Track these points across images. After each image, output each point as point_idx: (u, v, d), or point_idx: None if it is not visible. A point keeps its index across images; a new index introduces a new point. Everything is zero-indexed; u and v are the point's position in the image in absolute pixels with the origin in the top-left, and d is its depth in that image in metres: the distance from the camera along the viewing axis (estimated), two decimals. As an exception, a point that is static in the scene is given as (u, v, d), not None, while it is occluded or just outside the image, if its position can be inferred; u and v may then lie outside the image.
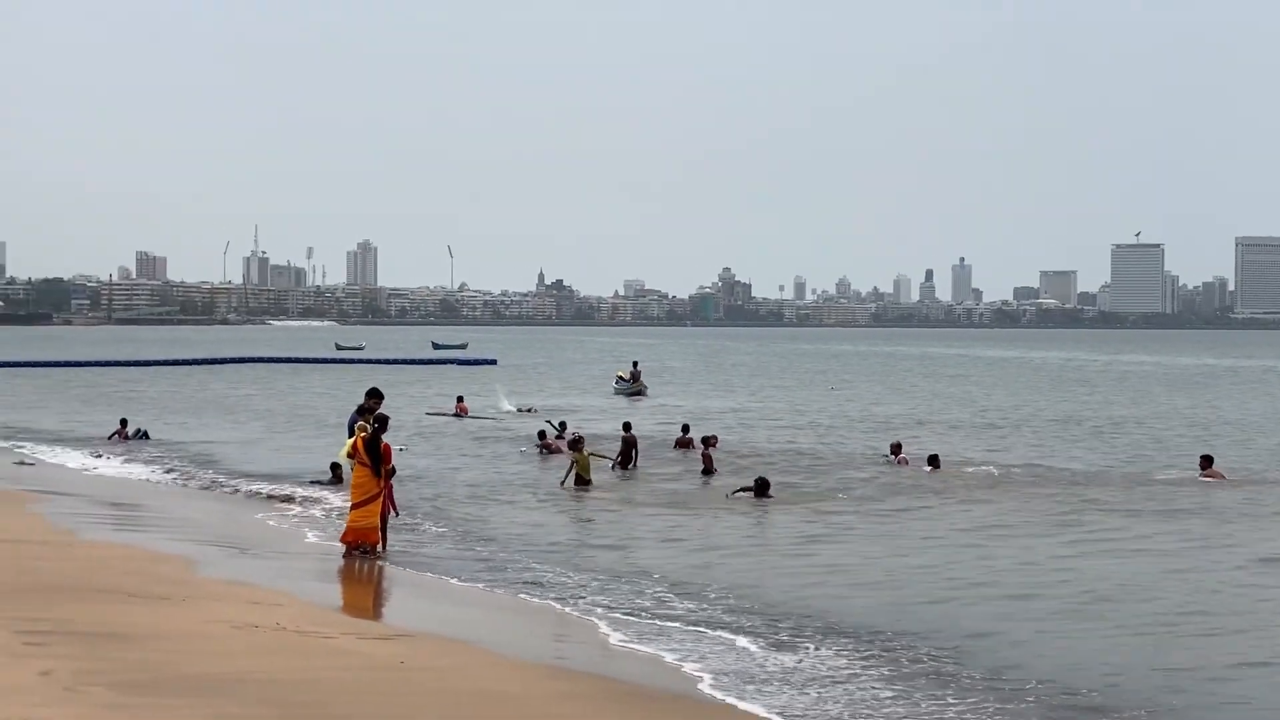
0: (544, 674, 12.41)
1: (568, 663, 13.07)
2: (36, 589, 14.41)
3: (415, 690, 11.11)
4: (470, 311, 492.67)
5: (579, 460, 28.29)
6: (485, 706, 10.84)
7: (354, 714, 10.08)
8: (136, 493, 27.26)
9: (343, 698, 10.55)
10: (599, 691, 11.84)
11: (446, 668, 12.25)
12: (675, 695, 11.97)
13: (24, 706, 9.28)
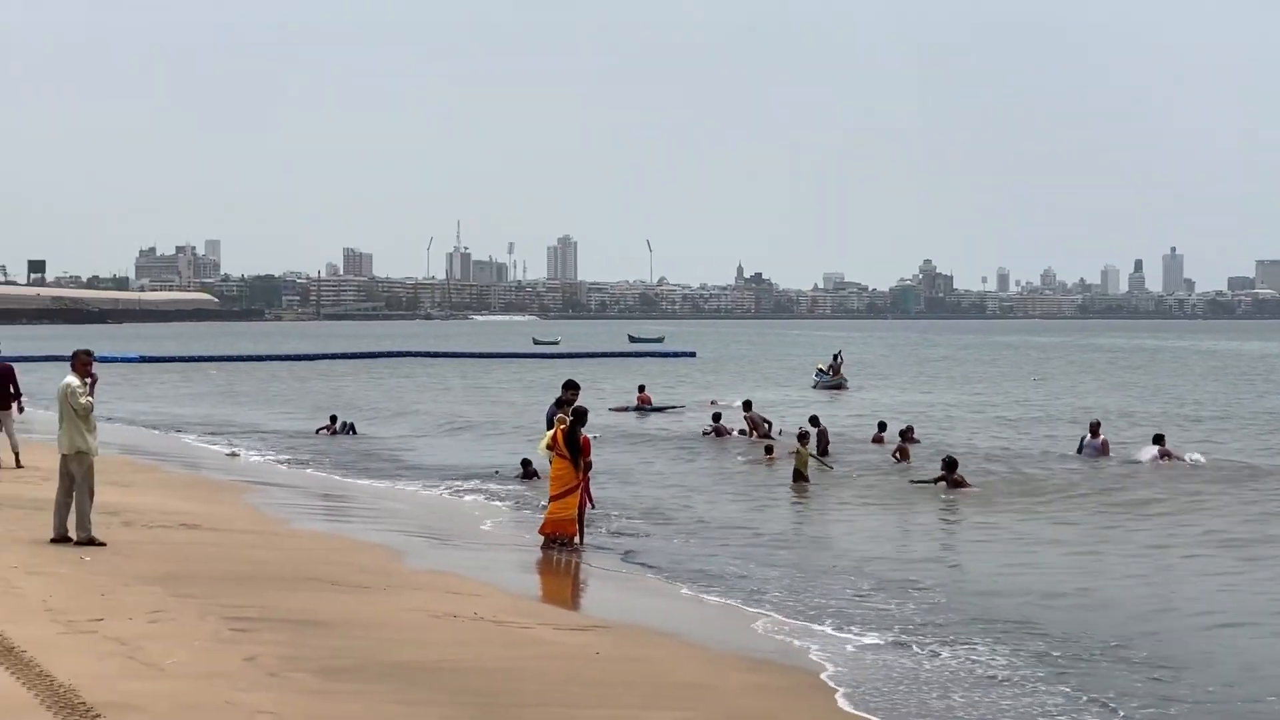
0: (737, 665, 12.35)
1: (762, 655, 12.97)
2: (244, 577, 14.78)
3: (609, 680, 11.13)
4: (669, 305, 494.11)
5: (799, 455, 28.07)
6: (677, 697, 10.82)
7: (549, 703, 10.13)
8: (344, 484, 27.84)
9: (537, 687, 10.61)
10: (792, 684, 11.74)
11: (640, 658, 12.26)
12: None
13: (230, 690, 9.50)
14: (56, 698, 8.78)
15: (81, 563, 14.58)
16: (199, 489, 24.55)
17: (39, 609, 11.76)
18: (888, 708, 11.14)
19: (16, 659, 9.71)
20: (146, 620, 11.65)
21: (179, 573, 14.49)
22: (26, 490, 20.88)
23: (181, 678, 9.75)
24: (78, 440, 15.97)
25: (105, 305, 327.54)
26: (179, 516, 19.20)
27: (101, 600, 12.44)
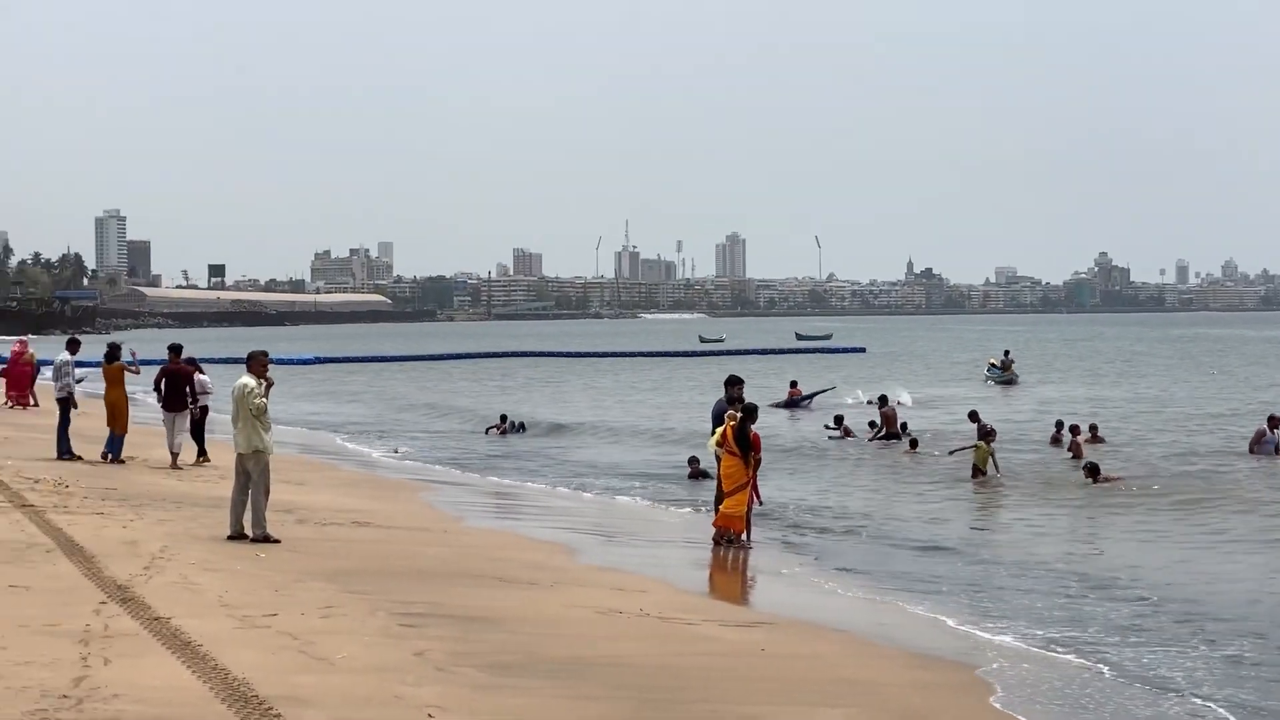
0: (907, 663, 12.20)
1: (931, 653, 12.79)
2: (413, 573, 14.97)
3: (775, 677, 11.07)
4: (838, 302, 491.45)
5: (979, 450, 27.74)
6: (842, 693, 10.73)
7: (712, 699, 10.10)
8: (516, 482, 28.11)
9: (702, 683, 10.59)
10: (960, 682, 11.57)
11: (808, 655, 12.17)
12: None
13: (399, 684, 9.62)
14: (231, 690, 8.96)
15: (257, 559, 14.89)
16: (371, 487, 24.95)
17: (215, 604, 12.02)
18: (1048, 712, 10.91)
19: (193, 653, 9.93)
20: (318, 615, 11.86)
21: (350, 569, 14.73)
22: (204, 489, 21.40)
23: (351, 672, 9.90)
24: (254, 439, 16.34)
25: (282, 307, 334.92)
26: (351, 514, 19.53)
27: (275, 596, 12.69)
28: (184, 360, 25.54)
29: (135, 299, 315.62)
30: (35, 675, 8.99)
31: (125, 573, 13.09)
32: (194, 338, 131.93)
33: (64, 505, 17.98)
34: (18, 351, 39.83)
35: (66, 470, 22.55)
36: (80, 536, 15.16)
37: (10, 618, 10.69)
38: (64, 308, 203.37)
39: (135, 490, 20.59)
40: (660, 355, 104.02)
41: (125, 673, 9.26)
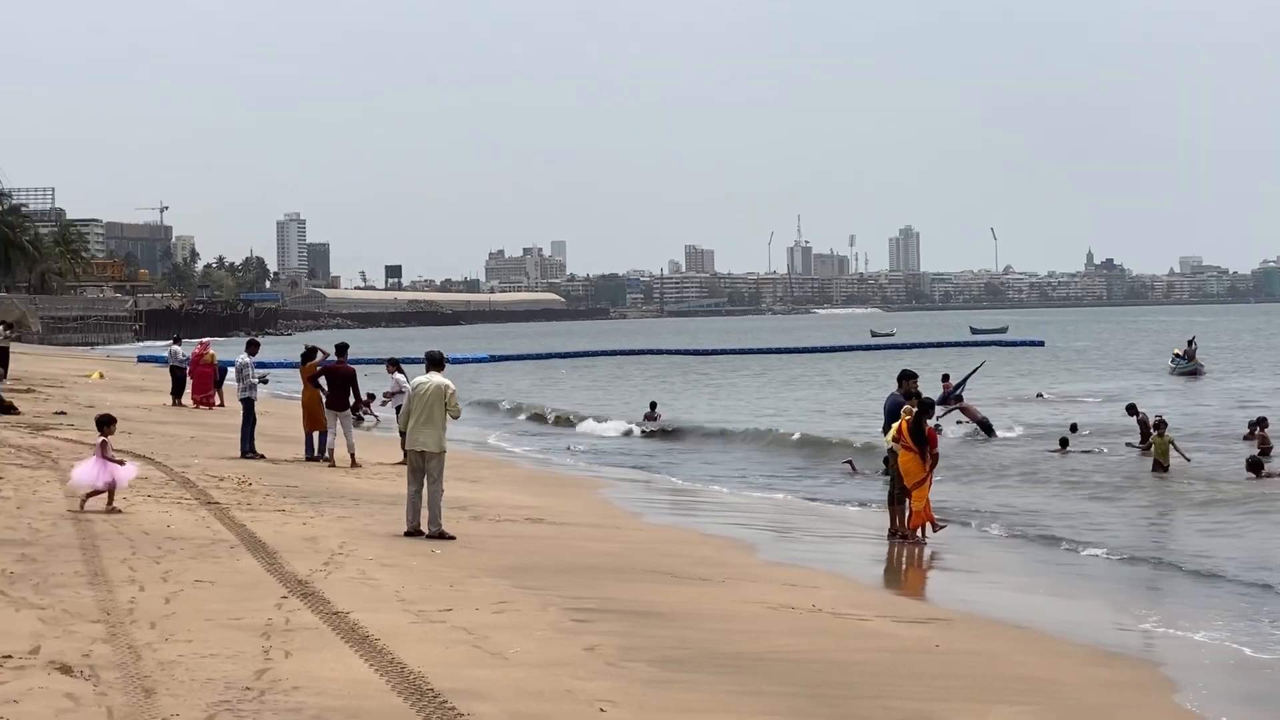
0: (1087, 660, 11.98)
1: (1111, 650, 12.54)
2: (585, 569, 15.09)
3: (949, 674, 10.95)
4: (1015, 294, 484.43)
5: (1157, 444, 27.21)
6: (1018, 690, 10.56)
7: (885, 695, 10.03)
8: (687, 479, 28.17)
9: (874, 680, 10.52)
10: (1145, 681, 11.33)
11: (983, 652, 12.01)
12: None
13: (570, 679, 9.70)
14: (407, 683, 9.11)
15: (432, 555, 15.12)
16: (544, 484, 25.19)
17: (392, 599, 12.23)
18: (1237, 713, 10.63)
19: (371, 646, 10.12)
20: (492, 611, 12.00)
21: (523, 565, 14.89)
22: (382, 486, 21.77)
23: (524, 666, 10.01)
24: (432, 439, 16.60)
25: (457, 307, 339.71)
26: (524, 511, 19.73)
27: (450, 591, 12.87)
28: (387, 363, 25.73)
29: (315, 300, 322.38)
30: (220, 667, 9.22)
31: (306, 568, 13.37)
32: (371, 337, 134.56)
33: (247, 503, 18.42)
34: (198, 353, 40.85)
35: (250, 469, 23.10)
36: (263, 533, 15.52)
37: (196, 611, 10.98)
38: (248, 310, 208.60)
39: (315, 488, 21.02)
40: (831, 350, 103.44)
41: (305, 665, 9.46)
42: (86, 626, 10.17)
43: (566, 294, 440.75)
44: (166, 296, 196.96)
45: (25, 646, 9.33)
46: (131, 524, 15.52)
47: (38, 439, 25.80)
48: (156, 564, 13.11)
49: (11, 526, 14.72)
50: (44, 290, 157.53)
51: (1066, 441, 31.71)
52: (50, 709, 7.95)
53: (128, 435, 27.97)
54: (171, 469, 21.75)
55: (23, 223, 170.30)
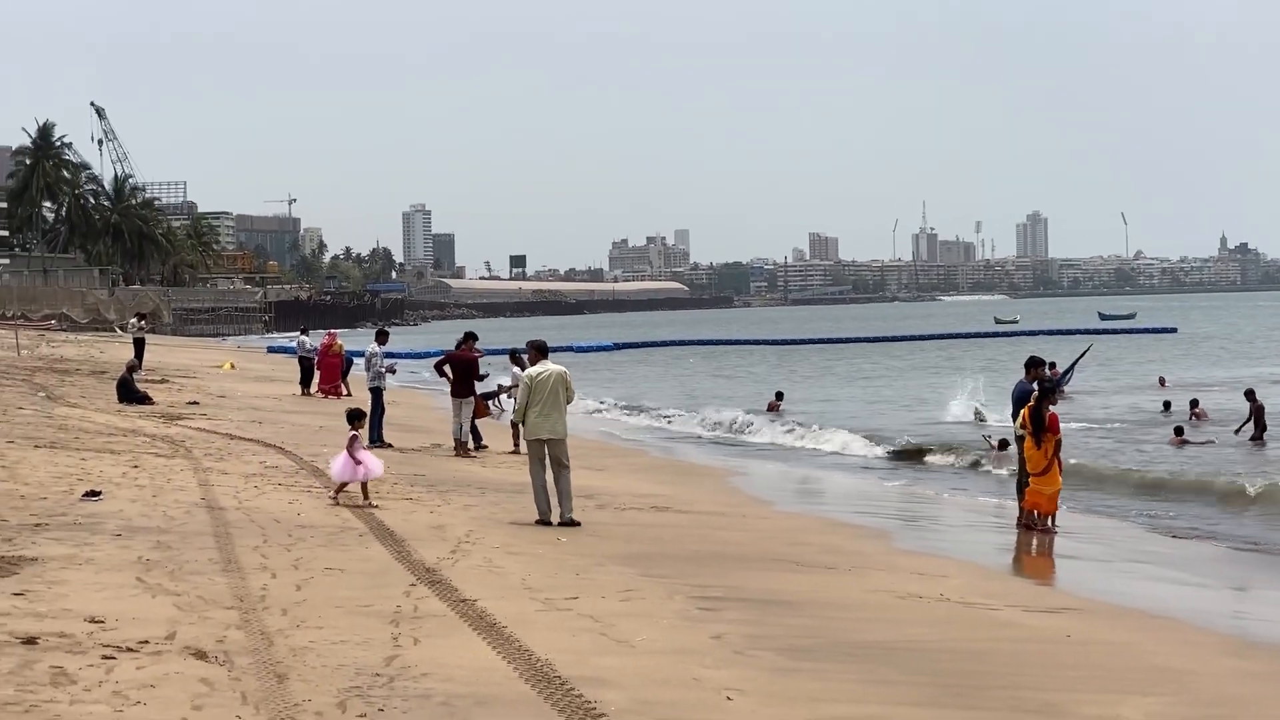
0: (1223, 650, 11.74)
1: (1253, 640, 12.29)
2: (711, 557, 15.08)
3: (1080, 664, 10.78)
4: (1146, 280, 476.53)
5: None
6: (1154, 682, 10.36)
7: (1015, 685, 9.89)
8: (813, 466, 28.06)
9: (1004, 669, 10.38)
10: None
11: (1115, 642, 11.81)
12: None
13: (697, 667, 9.68)
14: (534, 671, 9.14)
15: (558, 543, 15.18)
16: (669, 472, 25.22)
17: (519, 587, 12.29)
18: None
19: (498, 634, 10.17)
20: (618, 599, 12.02)
21: (649, 553, 14.90)
22: (507, 474, 21.90)
23: (650, 654, 10.00)
24: (560, 425, 16.71)
25: (581, 296, 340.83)
26: (650, 499, 19.75)
27: (576, 579, 12.91)
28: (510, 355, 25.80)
29: (441, 290, 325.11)
30: (350, 654, 9.32)
31: (433, 556, 13.48)
32: (496, 327, 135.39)
33: (375, 491, 18.60)
34: (326, 344, 41.37)
35: (379, 457, 23.30)
36: (391, 521, 15.68)
37: (327, 599, 11.11)
38: (374, 300, 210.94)
39: (442, 476, 21.20)
40: (954, 337, 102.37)
41: (434, 652, 9.53)
42: (220, 613, 10.32)
43: (690, 283, 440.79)
44: (295, 288, 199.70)
45: (161, 632, 9.49)
46: (263, 512, 15.75)
47: (171, 428, 26.27)
48: (287, 551, 13.29)
49: (147, 514, 14.99)
50: (176, 282, 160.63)
51: (1182, 430, 31.11)
52: (185, 694, 8.08)
53: (258, 424, 28.46)
54: (301, 458, 22.05)
55: (156, 216, 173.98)
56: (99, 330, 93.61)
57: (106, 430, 24.62)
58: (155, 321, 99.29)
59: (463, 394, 24.94)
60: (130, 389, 32.56)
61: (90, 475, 17.79)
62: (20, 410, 27.24)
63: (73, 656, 8.70)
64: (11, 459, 18.88)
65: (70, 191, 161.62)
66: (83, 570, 11.57)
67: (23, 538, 12.88)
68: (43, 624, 9.46)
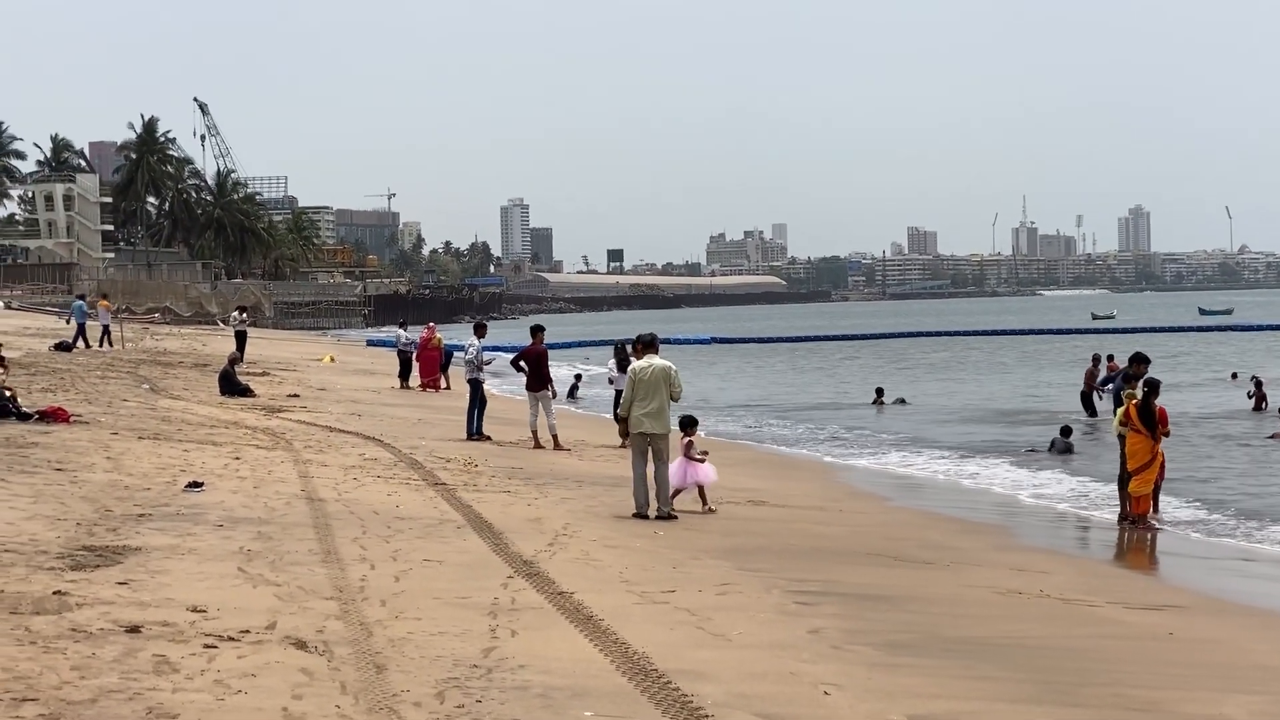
0: (1329, 649, 11.51)
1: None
2: (808, 552, 15.02)
3: (1183, 661, 10.62)
4: (1251, 274, 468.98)
5: None
6: (1259, 680, 10.17)
7: (1115, 683, 9.74)
8: (910, 460, 27.83)
9: (1105, 667, 10.23)
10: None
11: (1218, 639, 11.63)
12: None
13: (794, 661, 9.64)
14: (631, 664, 9.14)
15: (655, 537, 15.18)
16: (767, 466, 25.14)
17: (616, 580, 12.30)
18: None
19: (595, 627, 10.17)
20: (715, 592, 11.99)
21: (746, 547, 14.87)
22: (604, 468, 21.95)
23: (747, 648, 9.97)
24: (661, 420, 16.72)
25: (678, 290, 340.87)
26: (747, 493, 19.70)
27: (673, 573, 12.90)
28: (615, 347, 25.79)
29: (538, 285, 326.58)
30: (448, 645, 9.36)
31: (530, 548, 13.51)
32: (593, 320, 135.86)
33: (473, 484, 18.71)
34: (425, 337, 41.70)
35: (476, 450, 23.47)
36: (488, 513, 15.74)
37: (425, 590, 11.17)
38: (473, 294, 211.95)
39: (539, 469, 21.27)
40: (1048, 333, 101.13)
41: (531, 644, 9.55)
42: (320, 603, 10.40)
43: (787, 277, 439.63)
44: (394, 281, 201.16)
45: (262, 622, 9.58)
46: (362, 504, 15.88)
47: (272, 421, 26.55)
48: (386, 543, 13.37)
49: (248, 505, 15.15)
50: (277, 276, 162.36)
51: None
52: (286, 683, 8.14)
53: (357, 417, 28.72)
54: (400, 450, 22.20)
55: (257, 210, 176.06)
56: (201, 323, 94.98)
57: (209, 422, 24.93)
58: (256, 315, 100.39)
59: (537, 388, 24.97)
60: (232, 381, 32.95)
61: (193, 466, 18.02)
62: (125, 402, 27.64)
63: (175, 645, 8.80)
64: (117, 450, 19.17)
65: (174, 186, 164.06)
66: (185, 560, 11.71)
67: (127, 527, 13.06)
68: (146, 613, 9.58)
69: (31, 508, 13.67)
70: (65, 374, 33.62)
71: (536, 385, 24.91)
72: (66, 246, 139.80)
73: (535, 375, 24.88)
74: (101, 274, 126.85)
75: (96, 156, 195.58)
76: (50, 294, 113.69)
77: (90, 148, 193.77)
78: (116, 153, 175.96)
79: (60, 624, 9.05)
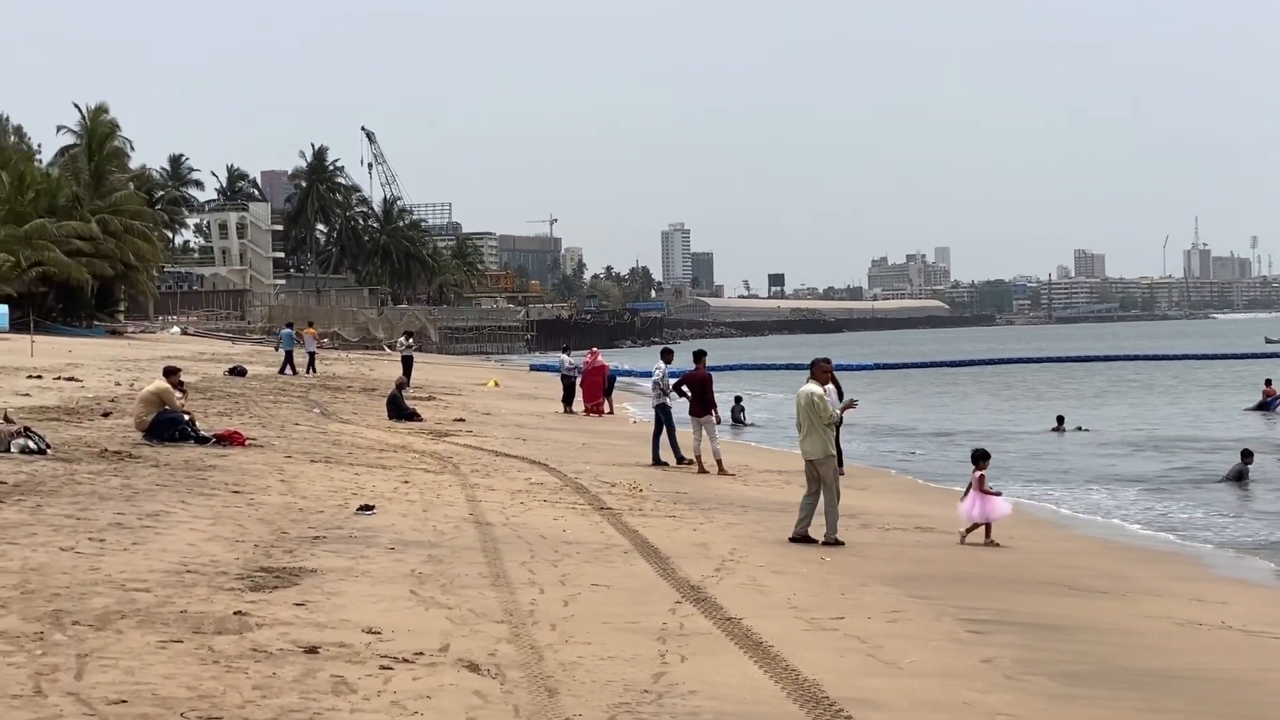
0: None
1: None
2: (977, 579, 14.80)
3: (1375, 699, 10.26)
4: None
5: None
6: None
7: (1305, 719, 9.47)
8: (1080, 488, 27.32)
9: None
10: None
11: None
12: None
13: (967, 691, 9.50)
14: (801, 691, 9.07)
15: (821, 563, 15.07)
16: (932, 493, 24.84)
17: (784, 606, 12.23)
18: None
19: (764, 653, 10.12)
20: (884, 620, 11.87)
21: (914, 574, 14.70)
22: (770, 493, 21.87)
23: (919, 676, 9.85)
24: (827, 445, 16.60)
25: (840, 315, 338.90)
26: (914, 519, 19.50)
27: (841, 599, 12.79)
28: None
29: (699, 309, 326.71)
30: (619, 670, 9.37)
31: (697, 573, 13.50)
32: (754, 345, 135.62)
33: (638, 508, 18.76)
34: (589, 362, 41.94)
35: (640, 475, 23.51)
36: (654, 538, 15.76)
37: (594, 614, 11.20)
38: (634, 319, 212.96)
39: (703, 494, 21.26)
40: (1217, 358, 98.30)
41: (701, 670, 9.53)
42: (491, 626, 10.49)
43: (950, 301, 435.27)
44: (556, 307, 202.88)
45: (435, 644, 9.68)
46: (529, 528, 15.99)
47: (439, 445, 26.89)
48: (554, 567, 13.45)
49: (418, 529, 15.34)
50: (442, 301, 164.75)
51: None
52: (460, 705, 8.22)
53: (522, 441, 28.98)
54: (565, 475, 22.33)
55: (422, 237, 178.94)
56: (368, 348, 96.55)
57: (378, 446, 25.32)
58: (421, 340, 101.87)
59: (701, 413, 24.96)
60: (400, 406, 33.45)
61: (363, 490, 18.30)
62: (296, 426, 28.18)
63: (352, 666, 8.93)
64: (290, 473, 19.54)
65: (342, 214, 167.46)
66: (359, 582, 11.89)
67: (302, 549, 13.29)
68: (323, 634, 9.73)
69: (211, 529, 13.99)
70: (239, 398, 34.40)
71: (700, 410, 24.92)
72: (239, 273, 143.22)
73: (699, 400, 24.89)
74: (272, 300, 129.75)
75: (268, 185, 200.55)
76: (224, 320, 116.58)
77: (262, 176, 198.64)
78: (287, 181, 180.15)
79: (241, 644, 9.23)
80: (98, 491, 15.84)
